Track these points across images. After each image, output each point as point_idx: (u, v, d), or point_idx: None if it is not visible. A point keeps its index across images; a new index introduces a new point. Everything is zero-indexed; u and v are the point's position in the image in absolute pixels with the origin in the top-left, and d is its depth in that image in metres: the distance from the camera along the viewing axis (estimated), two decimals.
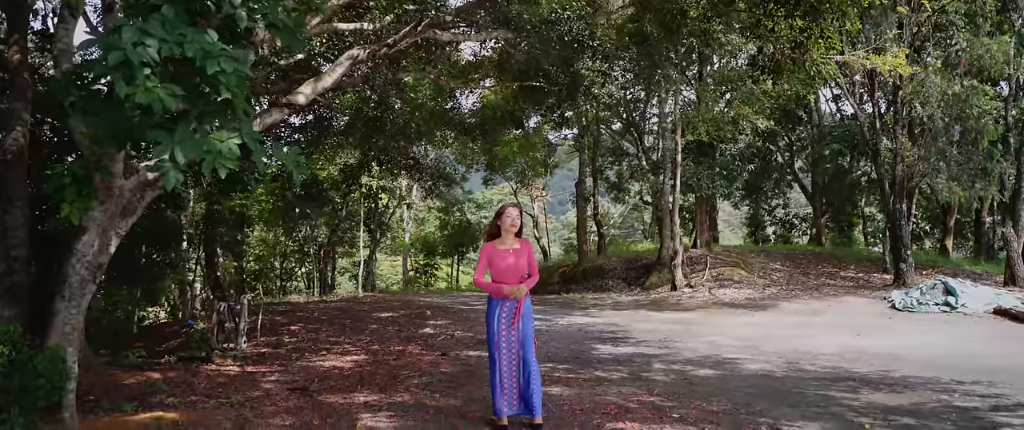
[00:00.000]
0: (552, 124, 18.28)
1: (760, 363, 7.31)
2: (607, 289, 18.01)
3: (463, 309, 14.41)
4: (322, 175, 21.42)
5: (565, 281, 20.90)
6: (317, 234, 28.56)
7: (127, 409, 5.16)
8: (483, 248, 4.77)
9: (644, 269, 18.21)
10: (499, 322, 4.64)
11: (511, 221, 4.66)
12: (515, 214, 4.72)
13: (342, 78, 8.16)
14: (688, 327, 10.66)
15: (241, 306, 8.76)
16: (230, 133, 4.07)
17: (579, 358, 7.78)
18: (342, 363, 7.72)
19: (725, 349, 8.32)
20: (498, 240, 4.72)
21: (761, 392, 5.81)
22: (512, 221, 4.67)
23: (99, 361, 7.85)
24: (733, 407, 5.25)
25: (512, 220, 4.67)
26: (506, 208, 4.78)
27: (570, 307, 14.51)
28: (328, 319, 12.46)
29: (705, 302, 13.94)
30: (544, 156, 29.44)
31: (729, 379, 6.44)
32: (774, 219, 33.57)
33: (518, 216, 4.73)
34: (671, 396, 5.66)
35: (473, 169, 28.74)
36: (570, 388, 6.00)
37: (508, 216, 4.69)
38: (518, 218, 4.71)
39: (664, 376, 6.61)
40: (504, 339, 4.61)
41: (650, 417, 4.91)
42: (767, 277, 16.23)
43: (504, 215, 4.70)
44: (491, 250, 4.70)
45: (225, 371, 7.32)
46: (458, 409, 5.24)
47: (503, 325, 4.63)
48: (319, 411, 5.24)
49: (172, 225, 15.58)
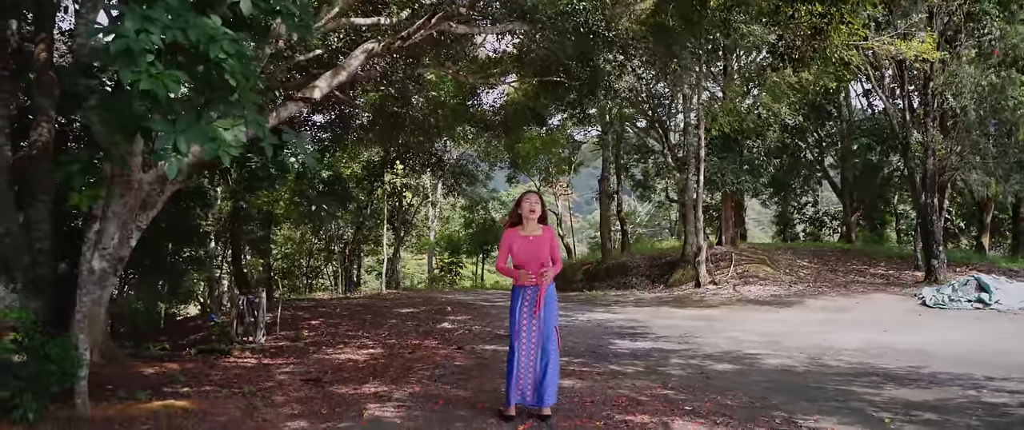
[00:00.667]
0: (574, 121, 18.15)
1: (781, 358, 7.13)
2: (630, 286, 17.83)
3: (484, 305, 14.39)
4: (347, 173, 21.59)
5: (588, 279, 20.77)
6: (343, 232, 28.85)
7: (140, 397, 5.21)
8: (504, 235, 4.74)
9: (668, 266, 17.99)
10: (520, 310, 4.59)
11: (530, 207, 4.61)
12: (534, 200, 4.67)
13: (358, 72, 8.19)
14: (710, 323, 10.48)
15: (259, 300, 8.85)
16: (235, 121, 4.08)
17: (595, 352, 7.69)
18: (357, 356, 7.74)
19: (746, 345, 8.14)
20: (519, 227, 4.69)
21: (779, 387, 5.66)
22: (531, 207, 4.61)
23: (122, 352, 7.99)
24: (748, 401, 5.11)
25: (531, 206, 4.61)
26: (526, 195, 4.74)
27: (591, 304, 14.39)
28: (349, 315, 12.55)
29: (729, 299, 13.71)
30: (568, 154, 29.35)
31: (747, 374, 6.29)
32: (803, 217, 32.94)
33: (537, 202, 4.67)
34: (686, 389, 5.54)
35: (497, 167, 28.76)
36: (583, 381, 5.92)
37: (527, 202, 4.65)
38: (537, 204, 4.65)
39: (680, 370, 6.49)
40: (525, 328, 4.55)
41: (662, 409, 4.81)
42: (794, 274, 15.90)
43: (523, 201, 4.66)
44: (512, 236, 4.67)
45: (242, 363, 7.39)
46: (467, 400, 5.20)
47: (524, 313, 4.58)
48: (328, 401, 5.24)
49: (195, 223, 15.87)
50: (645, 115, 21.56)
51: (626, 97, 14.61)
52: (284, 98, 7.66)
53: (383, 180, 21.18)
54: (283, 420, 4.64)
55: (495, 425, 4.41)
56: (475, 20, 9.51)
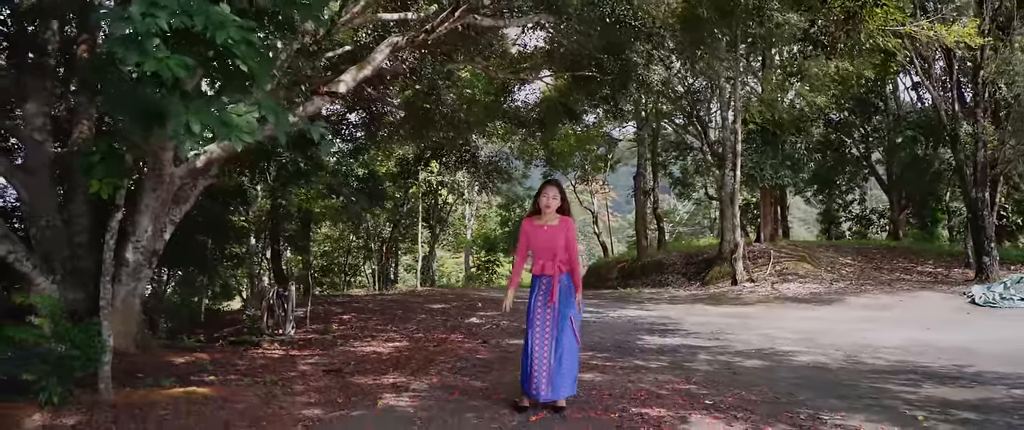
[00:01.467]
0: (608, 116, 17.92)
1: (814, 355, 6.88)
2: (666, 284, 17.55)
3: (516, 301, 14.32)
4: (382, 171, 21.80)
5: (623, 277, 20.54)
6: (380, 230, 29.19)
7: (165, 384, 5.30)
8: (522, 225, 4.69)
9: (705, 264, 17.64)
10: (535, 300, 4.54)
11: (546, 201, 4.54)
12: (552, 194, 4.58)
13: (382, 66, 8.22)
14: (744, 320, 10.21)
15: (288, 293, 8.97)
16: (248, 107, 4.11)
17: (622, 347, 7.55)
18: (382, 349, 7.77)
19: (780, 341, 7.89)
20: (537, 216, 4.63)
21: (809, 383, 5.45)
22: (547, 201, 4.54)
23: (157, 343, 8.20)
24: (773, 396, 4.93)
25: (548, 200, 4.55)
26: (545, 186, 4.67)
27: (624, 301, 14.20)
28: (380, 310, 12.66)
29: (766, 296, 13.35)
30: (606, 152, 29.06)
31: (776, 370, 6.08)
32: (849, 215, 31.90)
33: (556, 195, 4.59)
34: (709, 384, 5.38)
35: (533, 165, 28.68)
36: (605, 375, 5.80)
37: (544, 195, 4.58)
38: (555, 198, 4.57)
39: (707, 366, 6.31)
40: (539, 318, 4.49)
41: (681, 403, 4.67)
42: (835, 272, 15.39)
43: (542, 193, 4.60)
44: (528, 226, 4.63)
45: (269, 354, 7.50)
46: (483, 391, 5.14)
47: (539, 303, 4.52)
48: (346, 390, 5.26)
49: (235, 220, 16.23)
50: (683, 111, 21.20)
51: (659, 91, 14.35)
52: (310, 92, 7.74)
53: (417, 178, 21.30)
54: (299, 408, 4.66)
55: (507, 415, 4.35)
56: (501, 12, 9.45)
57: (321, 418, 4.38)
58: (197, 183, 8.43)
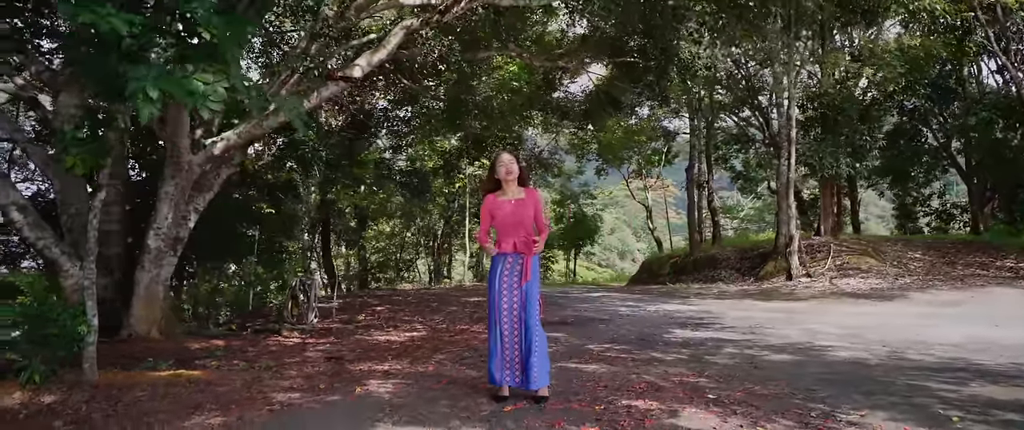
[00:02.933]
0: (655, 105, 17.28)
1: (855, 351, 6.25)
2: (718, 280, 16.78)
3: (558, 297, 14.04)
4: (429, 165, 21.84)
5: (675, 272, 19.83)
6: (434, 227, 29.38)
7: (161, 368, 5.29)
8: (484, 202, 4.37)
9: (759, 258, 16.77)
10: (500, 280, 4.21)
11: (504, 169, 4.21)
12: (507, 160, 4.26)
13: (396, 50, 8.06)
14: (790, 316, 9.53)
15: (312, 283, 8.95)
16: (217, 76, 3.97)
17: (644, 340, 7.13)
18: (399, 338, 7.62)
19: (821, 336, 7.26)
20: (499, 191, 4.31)
21: (837, 379, 4.90)
22: (506, 169, 4.22)
23: (181, 329, 8.31)
24: (789, 392, 4.44)
25: (507, 169, 4.22)
26: (499, 157, 4.33)
27: (669, 296, 13.63)
28: (416, 302, 12.59)
29: (822, 292, 12.49)
30: (662, 145, 28.19)
31: (805, 365, 5.53)
32: (928, 209, 29.77)
33: (512, 162, 4.25)
34: (722, 378, 4.92)
35: (586, 159, 28.17)
36: (612, 366, 5.42)
37: (501, 164, 4.25)
38: (512, 164, 4.24)
39: (728, 360, 5.82)
40: (506, 300, 4.17)
41: (680, 397, 4.26)
42: (902, 267, 14.29)
43: (497, 163, 4.27)
44: (490, 202, 4.31)
45: (285, 342, 7.47)
46: (473, 380, 4.87)
47: (504, 284, 4.20)
48: (336, 377, 5.09)
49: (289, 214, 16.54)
50: (743, 101, 20.24)
51: (706, 77, 13.67)
52: (325, 77, 7.66)
53: (463, 172, 21.22)
54: (277, 392, 4.52)
55: (483, 404, 4.05)
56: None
57: (293, 402, 4.21)
58: (220, 172, 8.50)
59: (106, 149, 4.48)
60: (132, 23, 3.36)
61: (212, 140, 7.48)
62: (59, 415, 3.85)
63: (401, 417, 3.77)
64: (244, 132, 7.61)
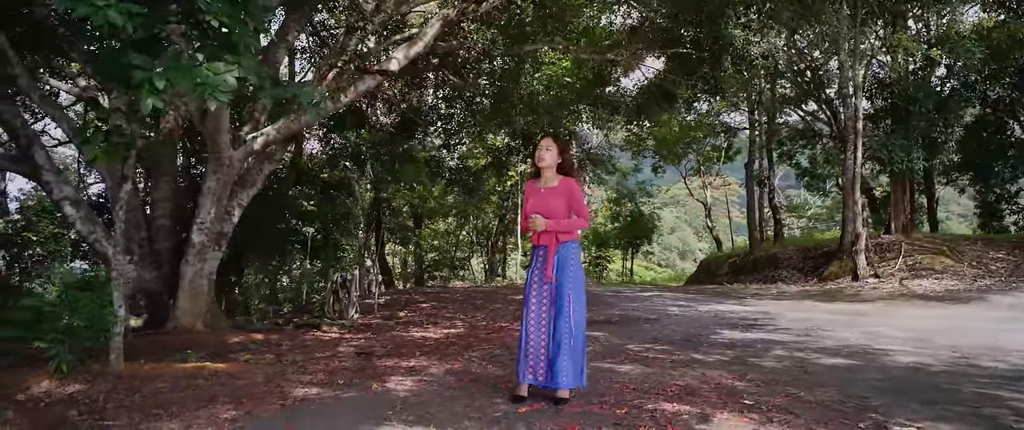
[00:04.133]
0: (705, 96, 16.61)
1: (919, 356, 5.72)
2: (778, 280, 16.03)
3: (608, 296, 13.71)
4: (482, 162, 21.78)
5: (734, 272, 19.11)
6: (489, 225, 29.34)
7: (190, 359, 5.30)
8: (525, 187, 4.16)
9: (824, 258, 15.92)
10: (532, 274, 3.99)
11: (540, 152, 3.96)
12: (543, 144, 3.98)
13: (437, 43, 7.93)
14: (852, 318, 8.91)
15: (352, 278, 8.94)
16: (228, 66, 3.90)
17: (689, 341, 6.75)
18: (435, 334, 7.49)
19: (883, 340, 6.70)
20: (537, 179, 4.08)
21: (894, 386, 4.46)
22: (539, 154, 3.97)
23: (226, 323, 8.44)
24: (838, 399, 4.04)
25: (539, 153, 3.97)
26: (540, 138, 4.08)
27: (724, 296, 13.06)
28: (463, 300, 12.47)
29: (891, 293, 11.70)
30: (724, 142, 27.28)
31: (860, 370, 5.07)
32: (1015, 207, 27.65)
33: (547, 147, 3.97)
34: (765, 383, 4.54)
35: (642, 156, 27.55)
36: (647, 367, 5.12)
37: (538, 148, 4.00)
38: (546, 150, 3.96)
39: (776, 363, 5.41)
40: (535, 294, 3.93)
41: (712, 401, 3.93)
42: (982, 267, 13.25)
43: (536, 147, 4.03)
44: (528, 188, 4.11)
45: (322, 337, 7.45)
46: (496, 379, 4.66)
47: (534, 277, 3.96)
48: (358, 372, 4.98)
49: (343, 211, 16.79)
50: (808, 93, 19.25)
51: (764, 66, 13.01)
52: (361, 72, 7.61)
53: (514, 168, 21.05)
54: (296, 386, 4.43)
55: (499, 404, 3.84)
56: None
57: (308, 397, 4.11)
58: (262, 167, 8.60)
59: (127, 142, 4.49)
60: (131, 14, 3.30)
61: (252, 135, 7.54)
62: (76, 404, 3.87)
63: (410, 415, 3.60)
64: (283, 128, 7.65)
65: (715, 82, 13.57)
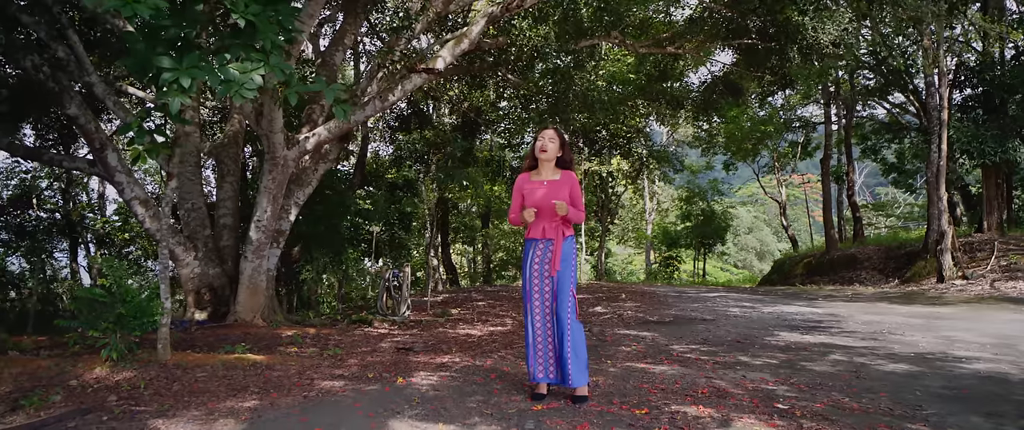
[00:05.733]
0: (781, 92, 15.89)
1: (998, 364, 5.23)
2: (855, 281, 15.15)
3: (671, 296, 13.33)
4: None
5: (808, 272, 18.20)
6: None
7: (236, 351, 5.49)
8: (516, 181, 4.04)
9: (906, 258, 14.92)
10: (531, 269, 3.87)
11: (542, 143, 3.86)
12: (546, 136, 3.87)
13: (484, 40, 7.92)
14: (929, 321, 8.27)
15: (404, 275, 9.06)
16: (254, 64, 3.99)
17: (741, 342, 6.45)
18: (479, 332, 7.48)
19: (958, 346, 6.18)
20: (534, 171, 3.97)
21: (955, 395, 4.08)
22: (541, 146, 3.86)
23: (280, 317, 8.72)
24: (886, 407, 3.73)
25: (541, 144, 3.86)
26: (542, 130, 3.98)
27: (793, 298, 12.44)
28: (519, 298, 12.43)
29: (978, 296, 10.80)
30: (801, 137, 26.06)
31: (920, 377, 4.68)
32: None
33: (552, 138, 3.87)
34: (808, 387, 4.26)
35: (712, 153, 26.68)
36: (685, 369, 4.90)
37: (539, 139, 3.90)
38: (549, 141, 3.86)
39: (829, 367, 5.07)
40: (537, 289, 3.83)
41: (742, 405, 3.70)
42: None
43: (536, 139, 3.93)
44: (522, 182, 3.97)
45: (370, 332, 7.58)
46: (523, 376, 4.57)
47: (535, 271, 3.85)
48: (389, 366, 5.02)
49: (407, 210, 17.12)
50: (894, 83, 18.06)
51: (836, 55, 12.26)
52: (408, 70, 7.69)
53: (577, 168, 20.81)
54: (325, 379, 4.50)
55: (516, 402, 3.76)
56: None
57: (333, 390, 4.15)
58: (317, 167, 8.84)
59: (168, 140, 4.66)
60: (158, 8, 3.42)
61: (304, 135, 7.76)
62: (118, 390, 4.06)
63: (423, 410, 3.58)
64: (335, 127, 7.83)
65: (784, 74, 12.94)
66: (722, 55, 15.28)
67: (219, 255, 8.68)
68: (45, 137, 11.44)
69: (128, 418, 3.51)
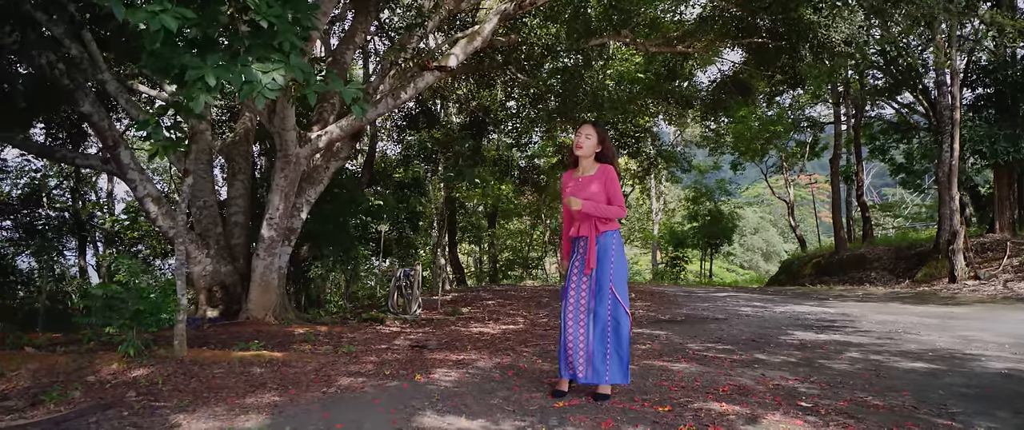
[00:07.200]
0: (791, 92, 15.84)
1: (1016, 363, 5.18)
2: (866, 281, 15.08)
3: (680, 296, 13.29)
4: (553, 161, 21.64)
5: (818, 272, 18.13)
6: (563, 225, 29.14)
7: (252, 347, 5.48)
8: (562, 180, 4.03)
9: (917, 258, 14.85)
10: (571, 266, 3.86)
11: (579, 139, 3.83)
12: (582, 132, 3.83)
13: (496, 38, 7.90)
14: (944, 321, 8.22)
15: (415, 274, 9.04)
16: (275, 65, 3.99)
17: (757, 341, 6.41)
18: (492, 330, 7.46)
19: (975, 345, 6.13)
20: (575, 169, 3.96)
21: (979, 393, 4.04)
22: (577, 142, 3.83)
23: (291, 315, 8.72)
24: (911, 405, 3.69)
25: (577, 141, 3.83)
26: (579, 126, 3.94)
27: (804, 297, 12.39)
28: (529, 297, 12.42)
29: (992, 296, 10.74)
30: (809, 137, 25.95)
31: (941, 375, 4.64)
32: None
33: (589, 134, 3.81)
34: (829, 385, 4.23)
35: (720, 153, 26.60)
36: (704, 367, 4.87)
37: (578, 135, 3.87)
38: (590, 135, 3.81)
39: (847, 365, 5.03)
40: (574, 286, 3.80)
41: (766, 402, 3.67)
42: None
43: (575, 134, 3.90)
44: (566, 180, 3.96)
45: (383, 330, 7.56)
46: (543, 373, 4.56)
47: (574, 270, 3.84)
48: (406, 364, 5.00)
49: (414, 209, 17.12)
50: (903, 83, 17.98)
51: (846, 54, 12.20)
52: (420, 68, 7.68)
53: None
54: (343, 376, 4.49)
55: (537, 399, 3.74)
56: None
57: (352, 386, 4.14)
58: (329, 165, 8.84)
59: (182, 137, 4.66)
60: (184, 17, 3.42)
61: (317, 133, 7.76)
62: (136, 386, 4.05)
63: (444, 406, 3.56)
64: (346, 125, 7.83)
65: (795, 73, 12.89)
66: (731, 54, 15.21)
67: (230, 253, 8.68)
68: (55, 136, 11.47)
69: (149, 413, 3.50)
